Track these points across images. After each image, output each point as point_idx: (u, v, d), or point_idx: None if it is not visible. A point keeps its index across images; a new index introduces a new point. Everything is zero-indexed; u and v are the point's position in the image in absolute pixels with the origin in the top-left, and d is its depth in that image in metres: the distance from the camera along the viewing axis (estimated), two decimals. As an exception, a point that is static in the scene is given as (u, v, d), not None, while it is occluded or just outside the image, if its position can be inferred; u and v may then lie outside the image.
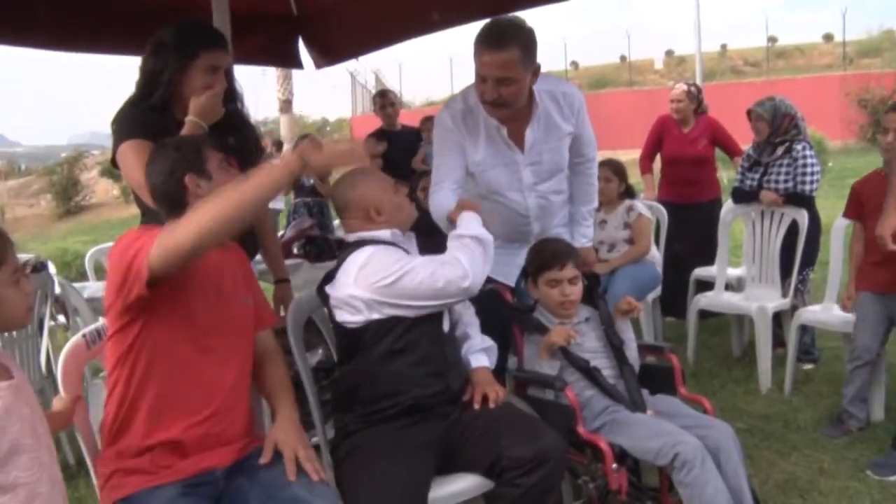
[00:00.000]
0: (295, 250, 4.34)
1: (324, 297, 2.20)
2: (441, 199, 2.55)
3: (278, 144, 5.73)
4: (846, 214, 3.64)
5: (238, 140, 2.48)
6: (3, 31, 3.25)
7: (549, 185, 2.78)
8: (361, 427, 2.09)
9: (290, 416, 1.98)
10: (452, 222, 2.28)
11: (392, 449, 2.01)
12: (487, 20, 2.54)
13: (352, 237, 2.25)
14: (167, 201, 1.95)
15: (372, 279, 2.06)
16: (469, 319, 2.34)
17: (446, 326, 2.23)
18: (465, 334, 2.32)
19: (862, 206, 3.45)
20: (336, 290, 2.14)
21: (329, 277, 2.19)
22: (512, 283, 2.81)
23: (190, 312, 1.88)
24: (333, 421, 2.23)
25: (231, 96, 2.54)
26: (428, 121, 5.40)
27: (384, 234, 2.21)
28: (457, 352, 2.27)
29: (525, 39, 2.43)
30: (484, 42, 2.43)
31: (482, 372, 2.26)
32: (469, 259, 2.09)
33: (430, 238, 2.46)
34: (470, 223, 2.21)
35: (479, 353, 2.30)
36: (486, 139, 2.65)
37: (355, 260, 2.12)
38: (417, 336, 2.10)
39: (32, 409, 1.53)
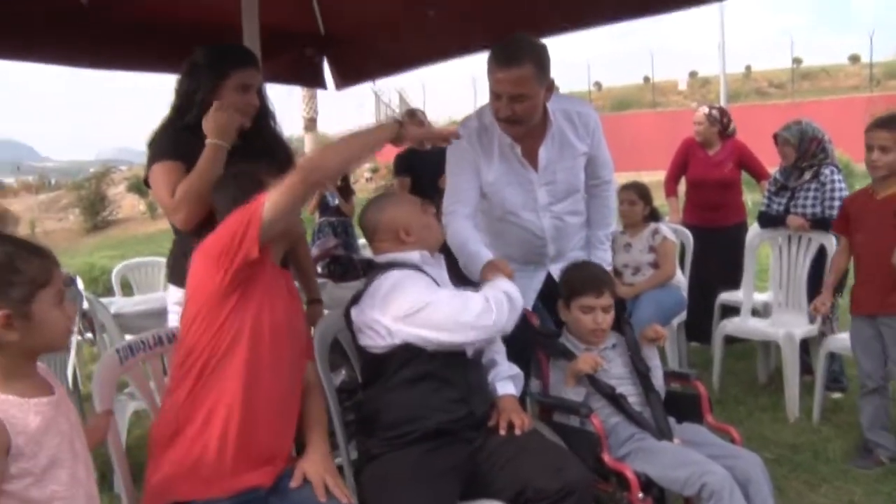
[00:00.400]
0: (319, 269, 4.35)
1: (349, 321, 2.20)
2: (458, 229, 2.55)
3: None
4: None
5: (269, 159, 2.51)
6: (43, 50, 3.40)
7: (565, 206, 2.76)
8: (386, 450, 2.09)
9: (320, 449, 2.01)
10: (484, 280, 2.31)
11: (417, 473, 2.00)
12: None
13: (381, 258, 2.26)
14: None
15: (396, 306, 2.07)
16: (496, 346, 2.34)
17: (470, 352, 2.22)
18: (492, 361, 2.31)
19: (848, 221, 3.43)
20: (360, 315, 2.15)
21: (355, 300, 2.19)
22: (529, 307, 2.76)
23: (270, 302, 1.96)
24: (357, 444, 2.23)
25: (264, 114, 2.58)
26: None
27: (414, 256, 2.23)
28: (481, 377, 2.26)
29: (538, 55, 2.44)
30: (497, 59, 2.44)
31: (508, 399, 2.25)
32: (496, 302, 2.11)
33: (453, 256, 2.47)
34: (504, 282, 2.24)
35: (506, 380, 2.29)
36: (500, 158, 2.65)
37: (381, 285, 2.13)
38: (440, 362, 2.10)
39: (72, 424, 1.55)
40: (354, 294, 2.23)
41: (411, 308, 2.06)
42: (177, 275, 2.57)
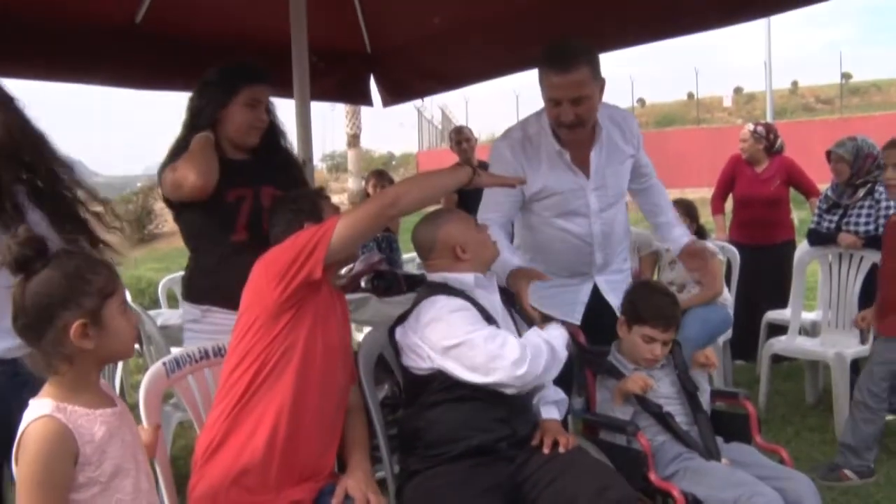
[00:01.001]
0: (363, 284, 4.37)
1: (393, 339, 2.22)
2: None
3: (380, 174, 5.94)
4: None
5: (284, 176, 2.55)
6: (101, 72, 3.52)
7: (612, 212, 2.75)
8: (428, 466, 2.08)
9: (362, 466, 2.02)
10: (513, 287, 2.34)
11: (460, 490, 1.99)
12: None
13: (435, 277, 2.26)
14: None
15: (436, 336, 2.08)
16: None
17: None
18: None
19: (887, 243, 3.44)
20: (404, 336, 2.17)
21: (401, 319, 2.21)
22: (576, 321, 2.74)
23: (324, 322, 1.99)
24: (398, 460, 2.23)
25: (274, 132, 2.60)
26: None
27: (468, 278, 2.22)
28: (524, 398, 2.22)
29: (590, 55, 2.46)
30: (552, 65, 2.44)
31: (551, 422, 2.22)
32: (533, 351, 2.08)
33: None
34: (557, 335, 2.20)
35: (551, 404, 2.26)
36: (548, 166, 2.64)
37: (427, 310, 2.14)
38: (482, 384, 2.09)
39: (134, 436, 1.60)
40: (401, 314, 2.23)
41: (448, 342, 2.05)
42: (193, 292, 2.57)
